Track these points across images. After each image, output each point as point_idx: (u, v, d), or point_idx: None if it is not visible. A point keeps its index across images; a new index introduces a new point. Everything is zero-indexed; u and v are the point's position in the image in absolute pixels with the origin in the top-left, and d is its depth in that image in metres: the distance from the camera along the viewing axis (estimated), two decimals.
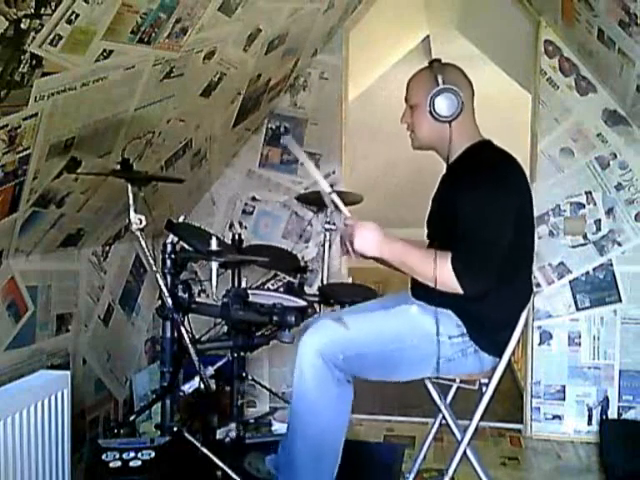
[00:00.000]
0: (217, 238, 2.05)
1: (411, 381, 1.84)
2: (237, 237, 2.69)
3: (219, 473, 2.06)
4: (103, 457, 1.81)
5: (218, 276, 2.04)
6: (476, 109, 1.91)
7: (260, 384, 2.89)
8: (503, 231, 1.70)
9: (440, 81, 1.78)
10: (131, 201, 1.90)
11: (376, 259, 1.80)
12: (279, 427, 2.79)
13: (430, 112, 1.78)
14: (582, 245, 2.93)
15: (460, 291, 1.67)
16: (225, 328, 2.44)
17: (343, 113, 3.13)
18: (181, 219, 2.26)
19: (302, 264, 2.94)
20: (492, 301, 1.75)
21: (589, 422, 2.95)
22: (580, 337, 2.95)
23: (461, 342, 1.77)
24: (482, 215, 1.69)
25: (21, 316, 2.11)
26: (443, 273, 1.67)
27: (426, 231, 2.02)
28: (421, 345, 1.75)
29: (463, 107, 1.77)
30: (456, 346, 1.77)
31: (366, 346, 1.74)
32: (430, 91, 1.78)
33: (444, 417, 1.94)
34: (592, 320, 2.94)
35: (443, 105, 1.77)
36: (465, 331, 1.77)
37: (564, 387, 2.97)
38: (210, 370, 2.23)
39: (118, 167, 1.92)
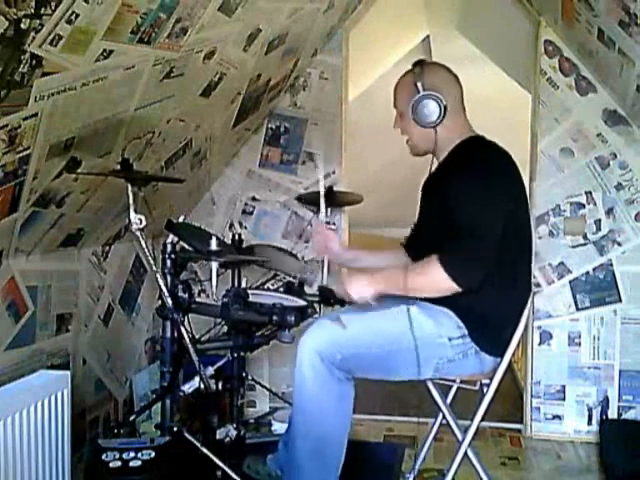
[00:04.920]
0: (217, 238, 2.05)
1: (412, 380, 1.84)
2: (237, 237, 2.69)
3: (219, 473, 2.06)
4: (103, 457, 1.81)
5: (218, 276, 2.04)
6: (476, 109, 1.92)
7: (260, 384, 2.89)
8: (492, 224, 1.69)
9: (420, 87, 1.80)
10: (131, 201, 1.90)
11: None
12: (279, 427, 2.79)
13: (415, 120, 1.82)
14: (582, 245, 2.93)
15: (457, 288, 1.66)
16: (225, 328, 2.44)
17: (343, 113, 3.13)
18: (181, 219, 2.26)
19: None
20: (493, 298, 1.75)
21: (589, 422, 2.95)
22: (580, 337, 2.95)
23: (462, 344, 1.77)
24: (470, 210, 1.70)
25: (21, 316, 2.11)
26: (435, 275, 1.67)
27: (410, 231, 2.05)
28: (420, 346, 1.75)
29: (446, 109, 1.79)
30: (457, 348, 1.77)
31: (364, 346, 1.74)
32: (412, 99, 1.80)
33: (444, 417, 1.94)
34: (592, 320, 2.93)
35: (425, 112, 1.80)
36: (466, 332, 1.77)
37: (564, 387, 2.97)
38: (210, 370, 2.23)
39: (118, 167, 1.92)
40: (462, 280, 1.66)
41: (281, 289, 2.85)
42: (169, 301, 2.05)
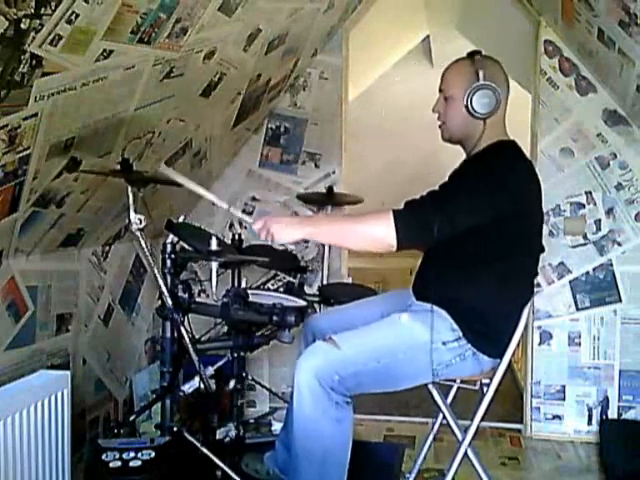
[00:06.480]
0: (217, 238, 2.05)
1: None
2: (237, 237, 2.69)
3: (219, 473, 2.06)
4: (103, 457, 1.81)
5: (218, 276, 2.04)
6: None
7: (260, 384, 2.89)
8: (468, 203, 1.67)
9: (481, 76, 1.74)
10: (131, 201, 1.90)
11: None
12: (279, 427, 2.78)
13: (466, 107, 1.76)
14: (582, 245, 2.93)
15: (393, 242, 1.63)
16: (225, 328, 2.44)
17: (343, 113, 3.13)
18: (181, 219, 2.26)
19: (302, 264, 2.94)
20: (488, 296, 1.76)
21: (589, 422, 2.95)
22: (580, 337, 2.95)
23: (457, 347, 1.75)
24: (455, 181, 1.73)
25: (21, 316, 2.11)
26: (383, 221, 1.65)
27: None
28: (415, 355, 1.73)
29: (499, 105, 1.75)
30: (452, 351, 1.75)
31: (360, 364, 1.72)
32: (470, 85, 1.75)
33: (444, 417, 1.94)
34: (592, 320, 2.93)
35: (481, 102, 1.74)
36: (461, 334, 1.75)
37: (564, 387, 2.97)
38: (210, 370, 2.23)
39: (118, 167, 1.92)
40: (403, 233, 1.63)
41: (281, 289, 2.86)
42: (169, 301, 2.05)
